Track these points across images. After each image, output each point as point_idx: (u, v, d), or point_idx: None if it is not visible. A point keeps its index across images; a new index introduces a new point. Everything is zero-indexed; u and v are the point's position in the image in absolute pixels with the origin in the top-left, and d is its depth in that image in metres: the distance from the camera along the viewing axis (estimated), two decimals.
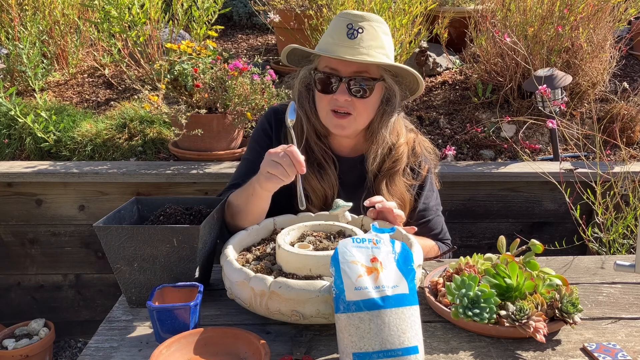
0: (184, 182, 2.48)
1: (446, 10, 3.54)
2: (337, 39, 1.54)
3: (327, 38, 1.57)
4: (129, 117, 2.87)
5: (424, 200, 1.76)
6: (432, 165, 1.78)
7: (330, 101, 1.57)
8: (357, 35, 1.52)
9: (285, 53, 1.66)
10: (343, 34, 1.53)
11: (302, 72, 1.66)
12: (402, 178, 1.69)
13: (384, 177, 1.67)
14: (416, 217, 1.75)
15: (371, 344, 1.02)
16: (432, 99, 3.29)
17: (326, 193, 1.64)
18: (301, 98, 1.67)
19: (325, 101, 1.58)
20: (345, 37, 1.52)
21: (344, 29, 1.53)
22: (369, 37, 1.53)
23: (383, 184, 1.66)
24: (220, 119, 2.47)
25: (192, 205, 1.47)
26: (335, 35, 1.55)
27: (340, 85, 1.54)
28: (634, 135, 2.87)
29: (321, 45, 1.59)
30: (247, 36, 4.39)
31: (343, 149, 1.72)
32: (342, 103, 1.55)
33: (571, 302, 1.20)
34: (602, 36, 2.95)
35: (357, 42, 1.52)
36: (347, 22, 1.54)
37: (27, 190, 2.58)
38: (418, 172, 1.74)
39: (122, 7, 2.85)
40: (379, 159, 1.66)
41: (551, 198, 2.62)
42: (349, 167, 1.70)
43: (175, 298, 1.24)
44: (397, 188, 1.68)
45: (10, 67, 3.32)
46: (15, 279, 2.74)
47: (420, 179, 1.74)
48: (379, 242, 1.13)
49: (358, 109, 1.57)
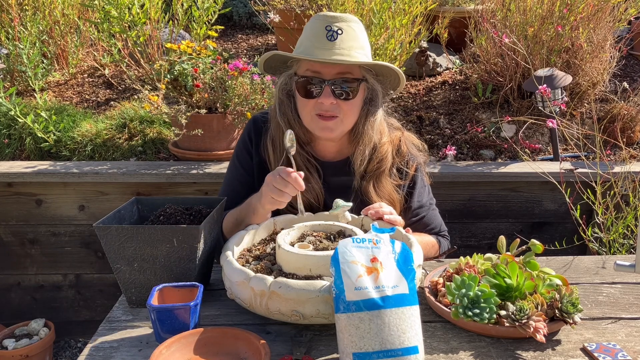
0: (184, 182, 2.48)
1: (446, 10, 3.54)
2: (316, 42, 1.50)
3: (306, 42, 1.54)
4: (129, 117, 2.87)
5: (417, 198, 1.75)
6: (420, 162, 1.76)
7: (315, 105, 1.54)
8: (337, 37, 1.49)
9: (264, 60, 1.61)
10: (322, 36, 1.50)
11: (281, 79, 1.62)
12: (388, 178, 1.68)
13: (370, 179, 1.66)
14: (411, 216, 1.74)
15: (371, 344, 1.02)
16: (432, 99, 3.29)
17: (310, 203, 1.63)
18: (282, 106, 1.62)
19: (310, 106, 1.55)
20: (325, 40, 1.49)
21: (323, 31, 1.50)
22: (349, 37, 1.51)
23: (370, 185, 1.65)
24: (220, 119, 2.47)
25: (192, 205, 1.47)
26: (314, 38, 1.51)
27: (324, 88, 1.51)
28: (634, 135, 2.87)
29: (300, 49, 1.55)
30: (247, 36, 4.39)
31: (327, 153, 1.70)
32: (328, 107, 1.53)
33: (571, 302, 1.20)
34: (602, 36, 2.95)
35: (338, 44, 1.49)
36: (324, 24, 1.50)
37: (27, 190, 2.58)
38: (405, 171, 1.72)
39: (122, 7, 2.85)
40: (366, 159, 1.64)
41: (551, 198, 2.62)
42: (335, 171, 1.69)
43: (175, 298, 1.24)
44: (384, 188, 1.67)
45: (10, 67, 3.32)
46: (15, 279, 2.74)
47: (409, 179, 1.73)
48: (379, 242, 1.13)
49: (344, 111, 1.56)
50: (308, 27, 1.55)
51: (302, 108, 1.59)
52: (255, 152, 1.71)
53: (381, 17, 2.88)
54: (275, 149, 1.67)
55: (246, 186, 1.70)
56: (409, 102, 3.25)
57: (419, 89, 3.38)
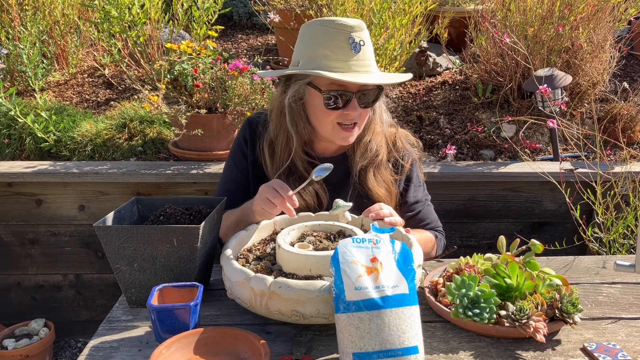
0: (184, 182, 2.48)
1: (446, 10, 3.54)
2: (341, 55, 1.48)
3: (326, 52, 1.48)
4: (129, 117, 2.87)
5: (413, 193, 1.77)
6: (415, 157, 1.78)
7: (340, 116, 1.55)
8: (361, 49, 1.49)
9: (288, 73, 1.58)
10: (346, 49, 1.47)
11: (295, 88, 1.57)
12: (386, 168, 1.72)
13: (369, 169, 1.69)
14: (408, 210, 1.77)
15: (371, 344, 1.02)
16: (432, 99, 3.28)
17: (309, 205, 1.65)
18: (292, 112, 1.60)
19: (334, 116, 1.55)
20: (350, 51, 1.47)
21: (346, 43, 1.47)
22: (368, 48, 1.52)
23: (370, 174, 1.68)
24: (220, 119, 2.47)
25: (192, 205, 1.47)
26: (338, 50, 1.48)
27: (352, 100, 1.52)
28: (634, 135, 2.87)
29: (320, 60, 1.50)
30: (247, 36, 4.39)
31: (327, 150, 1.73)
32: (354, 117, 1.55)
33: (571, 302, 1.20)
34: (602, 36, 2.95)
35: (362, 56, 1.49)
36: (346, 34, 1.47)
37: (27, 190, 2.58)
38: (401, 165, 1.75)
39: (122, 7, 2.85)
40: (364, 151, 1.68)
41: (551, 198, 2.62)
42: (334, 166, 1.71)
43: (175, 298, 1.24)
44: (383, 177, 1.70)
45: (10, 67, 3.32)
46: (15, 279, 2.74)
47: (404, 174, 1.75)
48: (379, 242, 1.13)
49: (362, 117, 1.60)
50: (325, 35, 1.49)
51: (322, 118, 1.57)
52: (250, 153, 1.73)
53: (381, 17, 2.88)
54: (273, 155, 1.67)
55: (241, 186, 1.73)
56: (409, 102, 3.25)
57: (419, 89, 3.38)
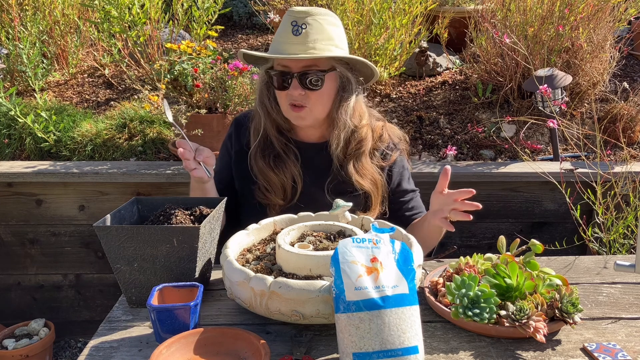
0: (184, 182, 2.48)
1: (446, 10, 3.54)
2: (284, 38, 1.62)
3: (276, 37, 1.66)
4: (129, 117, 2.87)
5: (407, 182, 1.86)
6: (402, 148, 1.86)
7: (287, 96, 1.66)
8: (302, 32, 1.60)
9: (241, 56, 1.75)
10: (288, 31, 1.61)
11: (261, 72, 1.77)
12: (369, 159, 1.77)
13: (350, 159, 1.75)
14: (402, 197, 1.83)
15: (371, 344, 1.02)
16: (432, 99, 3.28)
17: (284, 184, 1.73)
18: (261, 96, 1.77)
19: (283, 96, 1.68)
20: (291, 35, 1.60)
21: (289, 27, 1.61)
22: (314, 31, 1.60)
23: (350, 165, 1.74)
24: (220, 119, 2.47)
25: (192, 205, 1.47)
26: (283, 34, 1.63)
27: (292, 81, 1.63)
28: (634, 135, 2.87)
29: (272, 44, 1.68)
30: (247, 36, 4.39)
31: (309, 137, 1.81)
32: (297, 97, 1.64)
33: (571, 302, 1.20)
34: (602, 36, 2.95)
35: (303, 38, 1.60)
36: (291, 19, 1.61)
37: (27, 190, 2.58)
38: (387, 153, 1.81)
39: (122, 7, 2.85)
40: (342, 143, 1.73)
41: (551, 198, 2.61)
42: (314, 153, 1.79)
43: (175, 298, 1.24)
44: (365, 169, 1.76)
45: (10, 67, 3.32)
46: (15, 279, 2.74)
47: (391, 161, 1.81)
48: (379, 242, 1.13)
49: (312, 100, 1.66)
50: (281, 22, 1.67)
51: (279, 99, 1.72)
52: (235, 143, 1.85)
53: (381, 17, 2.88)
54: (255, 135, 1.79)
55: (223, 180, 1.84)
56: (409, 102, 3.25)
57: (419, 89, 3.38)
